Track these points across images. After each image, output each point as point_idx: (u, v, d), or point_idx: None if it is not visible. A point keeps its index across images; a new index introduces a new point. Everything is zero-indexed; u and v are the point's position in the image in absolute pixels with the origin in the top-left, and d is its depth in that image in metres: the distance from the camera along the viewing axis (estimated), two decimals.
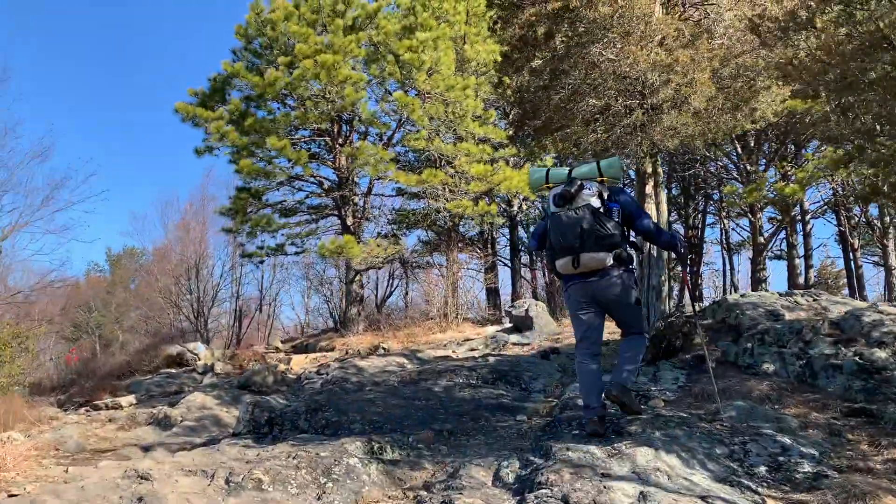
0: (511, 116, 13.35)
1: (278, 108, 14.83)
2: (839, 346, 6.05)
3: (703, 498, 3.58)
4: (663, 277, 7.28)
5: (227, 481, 4.39)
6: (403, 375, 6.97)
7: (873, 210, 20.28)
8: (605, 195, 4.61)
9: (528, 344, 9.74)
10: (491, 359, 7.80)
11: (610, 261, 4.49)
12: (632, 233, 4.81)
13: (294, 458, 4.67)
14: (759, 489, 3.93)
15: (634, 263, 4.91)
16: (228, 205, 14.67)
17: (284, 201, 16.19)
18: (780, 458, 4.35)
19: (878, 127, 4.44)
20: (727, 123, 6.89)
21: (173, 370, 13.52)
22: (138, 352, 15.39)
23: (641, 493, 3.61)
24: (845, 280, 29.25)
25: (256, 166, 12.69)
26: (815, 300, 7.43)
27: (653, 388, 6.04)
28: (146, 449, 6.82)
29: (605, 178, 4.69)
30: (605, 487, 3.65)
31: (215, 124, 12.42)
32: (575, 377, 6.57)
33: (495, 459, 4.61)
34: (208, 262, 30.02)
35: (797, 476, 4.13)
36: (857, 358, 5.79)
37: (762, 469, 4.24)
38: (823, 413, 5.33)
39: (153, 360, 14.39)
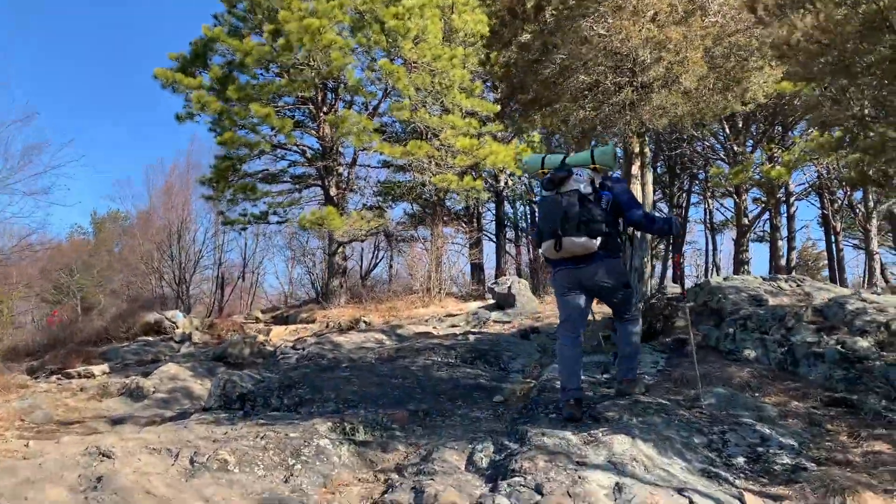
0: (499, 91, 13.11)
1: (262, 75, 14.50)
2: (822, 333, 5.99)
3: (679, 490, 3.49)
4: (646, 259, 7.16)
5: (192, 461, 4.24)
6: (381, 353, 6.84)
7: (857, 194, 20.33)
8: (598, 182, 4.61)
9: (509, 322, 9.64)
10: (471, 337, 7.69)
11: (595, 247, 4.48)
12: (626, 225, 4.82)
13: (262, 438, 4.54)
14: (737, 481, 3.85)
15: (626, 252, 4.92)
16: (209, 174, 14.36)
17: (266, 170, 15.90)
18: (759, 449, 4.28)
19: (872, 112, 4.31)
20: (718, 104, 6.73)
21: (151, 338, 13.31)
22: (115, 318, 15.16)
23: (617, 484, 3.51)
24: (826, 262, 29.48)
25: (239, 137, 12.38)
26: (798, 286, 7.36)
27: None
28: (116, 422, 6.67)
29: (597, 166, 4.72)
30: (579, 478, 3.55)
31: (196, 94, 12.07)
32: (554, 358, 6.49)
33: (469, 443, 4.50)
34: (191, 228, 29.74)
35: (776, 468, 4.07)
36: (839, 347, 5.72)
37: (740, 460, 4.17)
38: (804, 402, 5.27)
39: (131, 327, 14.16)
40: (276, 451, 4.37)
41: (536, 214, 4.88)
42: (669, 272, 26.10)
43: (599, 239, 4.49)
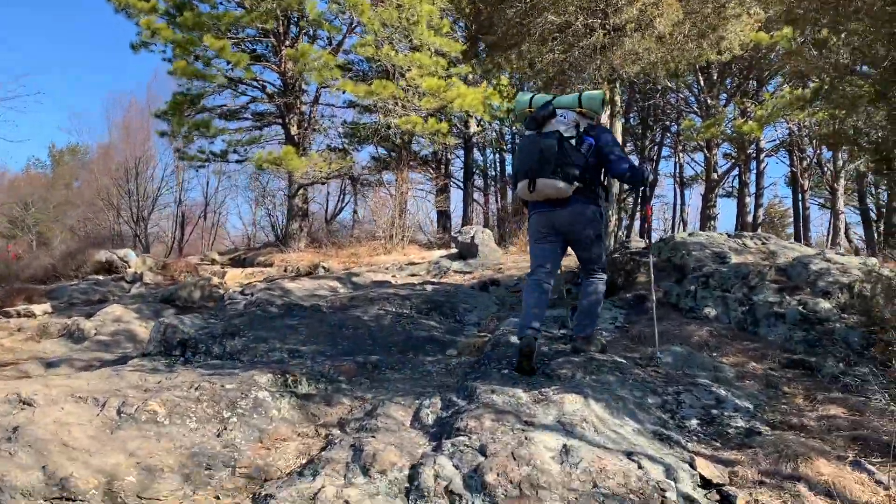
0: (466, 30, 12.58)
1: (222, 4, 13.71)
2: (784, 293, 5.88)
3: (628, 455, 3.33)
4: (611, 212, 6.94)
5: (119, 412, 3.97)
6: (334, 301, 6.58)
7: (826, 153, 20.37)
8: (582, 127, 4.48)
9: (470, 273, 9.41)
10: (429, 287, 7.45)
11: (569, 192, 4.36)
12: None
13: (197, 388, 4.28)
14: (689, 444, 3.72)
15: (603, 201, 4.77)
16: (165, 107, 13.65)
17: (225, 106, 15.21)
18: (714, 411, 4.17)
19: (851, 63, 4.07)
20: (692, 52, 6.42)
21: (101, 277, 12.87)
22: (66, 255, 14.59)
23: (564, 446, 3.34)
24: (791, 220, 29.81)
25: (192, 68, 11.66)
26: (763, 244, 7.24)
27: None
28: (50, 365, 6.34)
29: (584, 110, 4.58)
30: (526, 439, 3.37)
31: (146, 19, 11.29)
32: (511, 311, 6.31)
33: (417, 398, 4.31)
34: (150, 164, 28.82)
35: (729, 431, 3.96)
36: (800, 307, 5.62)
37: (694, 422, 4.04)
38: (762, 363, 5.17)
39: (81, 265, 13.66)
40: (211, 403, 4.12)
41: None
42: (637, 225, 26.16)
43: (575, 184, 4.35)
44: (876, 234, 21.89)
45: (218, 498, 3.31)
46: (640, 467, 3.20)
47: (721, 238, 7.27)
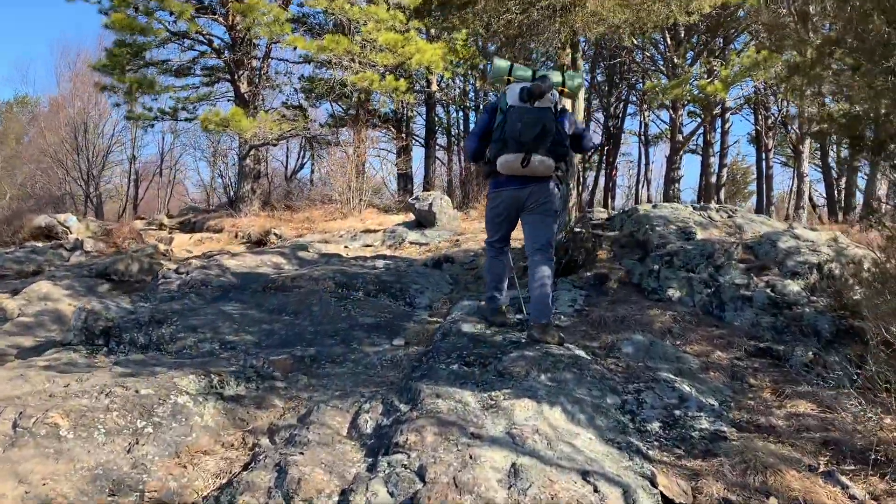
0: None
1: None
2: (751, 274, 5.58)
3: (584, 475, 3.01)
4: (571, 185, 6.53)
5: (16, 425, 3.51)
6: (275, 280, 6.10)
7: (793, 110, 20.19)
8: (557, 108, 4.48)
9: (426, 244, 8.97)
10: (380, 263, 7.01)
11: (552, 170, 4.41)
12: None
13: (108, 394, 3.82)
14: (651, 451, 3.43)
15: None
16: (104, 59, 12.70)
17: (169, 60, 14.30)
18: (677, 412, 3.87)
19: (845, 35, 3.70)
20: (660, 13, 5.97)
21: (40, 244, 12.11)
22: (2, 221, 13.75)
23: (513, 466, 3.01)
24: (754, 178, 29.84)
25: (131, 20, 10.75)
26: (730, 216, 6.93)
27: None
28: None
29: (564, 90, 4.63)
30: (471, 458, 3.02)
31: None
32: (465, 291, 5.93)
33: (356, 400, 3.93)
34: (102, 120, 27.48)
35: (693, 434, 3.67)
36: (769, 290, 5.33)
37: (656, 425, 3.75)
38: (727, 352, 4.88)
39: (18, 230, 12.86)
40: (123, 413, 3.68)
41: (501, 125, 4.44)
42: (598, 196, 25.93)
43: (559, 163, 4.43)
44: (836, 193, 21.97)
45: None
46: (595, 490, 2.88)
47: (686, 211, 6.94)
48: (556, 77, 4.61)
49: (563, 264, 6.15)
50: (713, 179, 21.47)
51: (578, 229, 6.68)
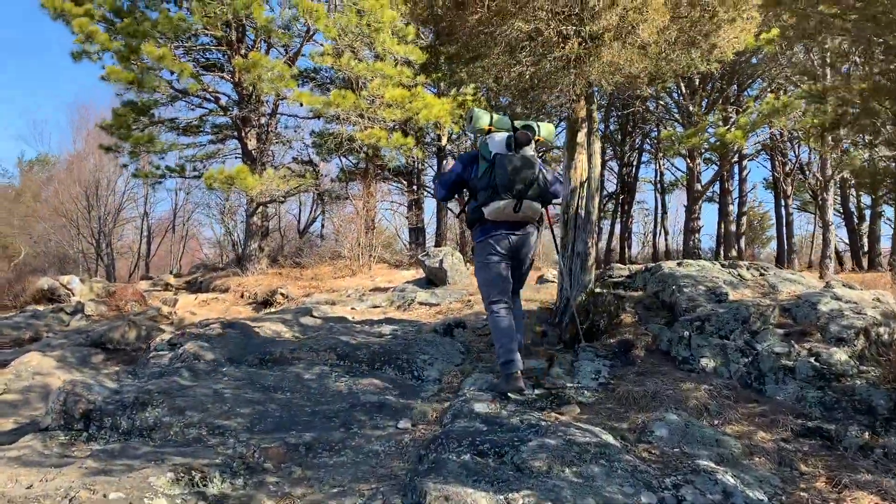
0: (423, 38, 11.70)
1: (174, 10, 12.68)
2: (791, 340, 5.07)
3: None
4: (590, 242, 6.11)
5: None
6: (273, 353, 5.67)
7: (805, 156, 19.79)
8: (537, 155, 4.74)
9: (437, 305, 8.53)
10: (386, 329, 6.57)
11: (539, 215, 4.61)
12: None
13: (71, 500, 3.36)
14: None
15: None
16: (110, 119, 12.58)
17: (177, 119, 14.18)
18: None
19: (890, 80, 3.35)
20: (680, 62, 5.63)
21: (41, 307, 11.79)
22: (4, 284, 13.47)
23: None
24: (771, 223, 29.24)
25: (128, 74, 10.58)
26: (761, 275, 6.45)
27: (569, 385, 4.94)
28: None
29: (542, 139, 4.78)
30: None
31: (79, 21, 10.25)
32: (478, 363, 5.47)
33: (354, 503, 3.45)
34: (114, 177, 27.52)
35: None
36: (812, 359, 4.81)
37: None
38: (772, 432, 4.35)
39: (19, 294, 12.56)
40: None
41: (489, 173, 4.55)
42: (614, 244, 25.44)
43: (545, 208, 4.65)
44: (857, 240, 21.36)
45: None
46: None
47: (714, 269, 6.46)
48: (534, 126, 4.78)
49: (584, 330, 5.68)
50: (732, 227, 20.94)
51: (599, 290, 6.21)
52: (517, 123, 4.76)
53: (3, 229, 36.66)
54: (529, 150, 4.57)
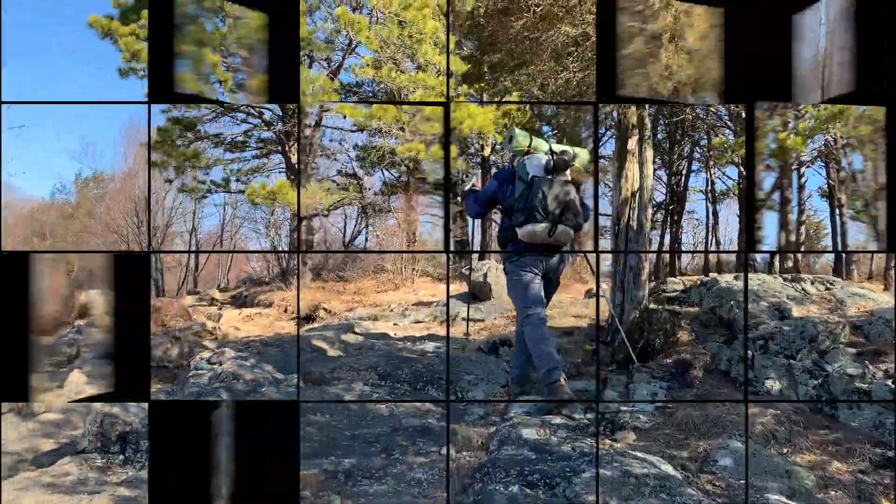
0: (465, 48, 11.54)
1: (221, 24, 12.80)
2: (865, 361, 4.68)
3: None
4: (643, 258, 5.80)
5: None
6: (313, 373, 5.52)
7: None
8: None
9: (481, 320, 8.32)
10: (429, 347, 6.38)
11: (571, 241, 4.63)
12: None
13: None
14: None
15: None
16: (155, 136, 12.74)
17: (221, 134, 14.32)
18: None
19: None
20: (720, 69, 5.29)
21: (83, 322, 11.92)
22: (61, 299, 13.69)
23: None
24: (826, 232, 28.08)
25: (195, 84, 10.62)
26: (827, 289, 6.04)
27: (623, 409, 4.64)
28: None
29: (574, 165, 4.70)
30: None
31: (125, 40, 10.40)
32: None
33: None
34: (162, 193, 28.04)
35: None
36: (890, 382, 4.42)
37: None
38: (847, 463, 3.99)
39: (72, 309, 12.72)
40: None
41: (526, 195, 4.52)
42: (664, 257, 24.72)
43: (576, 234, 4.63)
44: None
45: None
46: None
47: (776, 284, 6.08)
48: (571, 150, 4.75)
49: (638, 350, 5.37)
50: (793, 238, 20.10)
51: (653, 306, 5.89)
52: (555, 147, 4.74)
53: (60, 244, 37.72)
54: (566, 175, 4.62)
